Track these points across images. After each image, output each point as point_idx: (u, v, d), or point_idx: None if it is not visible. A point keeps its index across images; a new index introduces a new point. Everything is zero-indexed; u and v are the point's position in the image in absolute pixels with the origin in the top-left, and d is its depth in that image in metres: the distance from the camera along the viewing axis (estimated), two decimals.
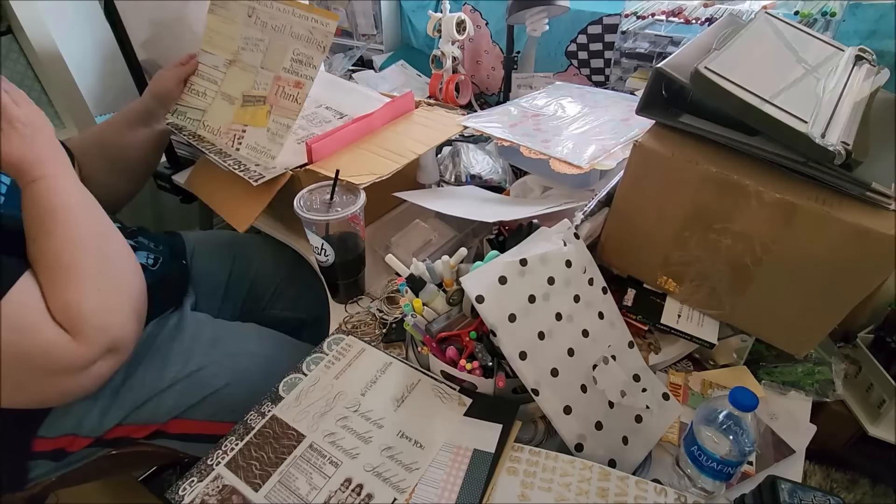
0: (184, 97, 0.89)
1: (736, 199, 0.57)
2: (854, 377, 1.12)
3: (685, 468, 0.53)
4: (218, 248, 0.96)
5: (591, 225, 0.69)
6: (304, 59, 0.79)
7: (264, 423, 0.56)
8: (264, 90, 0.82)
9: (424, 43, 1.42)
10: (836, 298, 0.56)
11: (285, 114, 0.80)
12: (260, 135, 0.82)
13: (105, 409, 0.66)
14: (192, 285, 0.87)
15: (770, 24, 0.67)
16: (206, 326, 0.78)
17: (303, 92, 0.79)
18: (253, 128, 0.83)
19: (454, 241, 0.82)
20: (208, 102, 0.87)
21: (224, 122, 0.85)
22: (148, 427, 0.69)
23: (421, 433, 0.55)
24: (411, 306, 0.59)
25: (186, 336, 0.74)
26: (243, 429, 0.55)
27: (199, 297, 0.86)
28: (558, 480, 0.50)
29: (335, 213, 0.67)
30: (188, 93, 0.89)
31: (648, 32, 1.01)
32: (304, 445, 0.54)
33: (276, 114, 0.81)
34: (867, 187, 0.51)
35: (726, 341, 0.67)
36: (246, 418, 0.56)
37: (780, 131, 0.52)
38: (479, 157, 0.98)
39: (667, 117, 0.62)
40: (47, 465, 0.67)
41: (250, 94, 0.83)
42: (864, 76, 0.60)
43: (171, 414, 0.69)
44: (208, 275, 0.90)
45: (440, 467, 0.51)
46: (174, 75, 0.87)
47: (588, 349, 0.58)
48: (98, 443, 0.67)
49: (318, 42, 0.77)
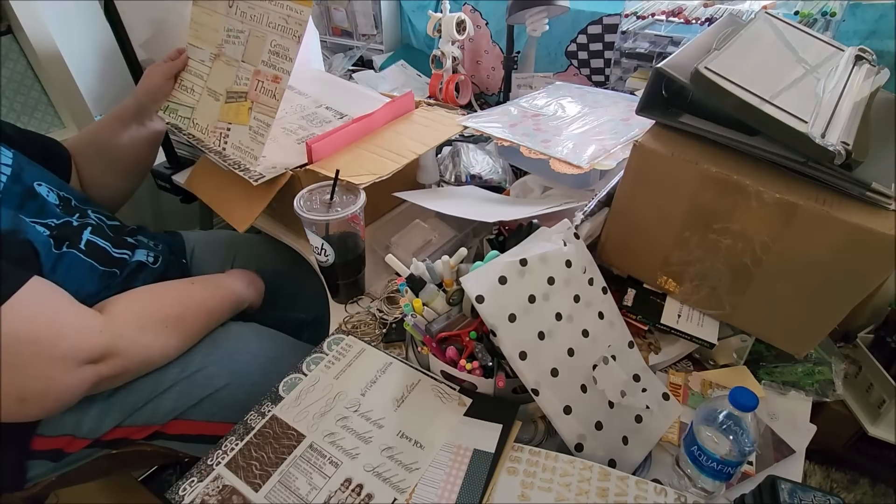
0: (174, 94, 0.89)
1: (736, 199, 0.57)
2: (854, 377, 1.12)
3: (685, 468, 0.53)
4: (218, 247, 0.96)
5: (591, 225, 0.69)
6: (281, 51, 0.78)
7: (264, 424, 0.56)
8: (245, 85, 0.81)
9: (424, 43, 1.42)
10: (836, 298, 0.56)
11: (265, 111, 0.79)
12: (243, 133, 0.81)
13: (104, 411, 0.66)
14: None
15: (770, 24, 0.67)
16: None
17: (280, 87, 0.78)
18: (236, 125, 0.82)
19: (454, 241, 0.82)
20: (196, 99, 0.87)
21: (211, 120, 0.85)
22: (147, 428, 0.69)
23: (421, 433, 0.55)
24: (411, 306, 0.59)
25: None
26: (243, 429, 0.55)
27: None
28: (558, 480, 0.50)
29: (335, 213, 0.67)
30: (178, 89, 0.89)
31: (648, 32, 1.01)
32: (304, 445, 0.54)
33: (257, 111, 0.80)
34: (867, 187, 0.51)
35: (726, 341, 0.67)
36: (246, 418, 0.56)
37: (780, 131, 0.52)
38: (479, 157, 0.98)
39: (667, 117, 0.62)
40: (45, 465, 0.67)
41: (233, 91, 0.83)
42: (864, 76, 0.60)
43: (171, 415, 0.69)
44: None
45: (440, 467, 0.51)
46: (163, 71, 0.86)
47: (588, 349, 0.58)
48: (97, 444, 0.67)
49: (293, 31, 0.76)
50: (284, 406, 0.57)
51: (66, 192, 0.75)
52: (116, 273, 0.72)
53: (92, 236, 0.71)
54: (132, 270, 0.74)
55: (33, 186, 0.69)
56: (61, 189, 0.74)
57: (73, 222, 0.71)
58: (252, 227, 0.82)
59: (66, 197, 0.74)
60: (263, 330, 0.82)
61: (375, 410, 0.57)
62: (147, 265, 0.76)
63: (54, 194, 0.72)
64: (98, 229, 0.74)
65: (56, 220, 0.68)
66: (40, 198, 0.69)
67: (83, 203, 0.76)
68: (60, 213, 0.70)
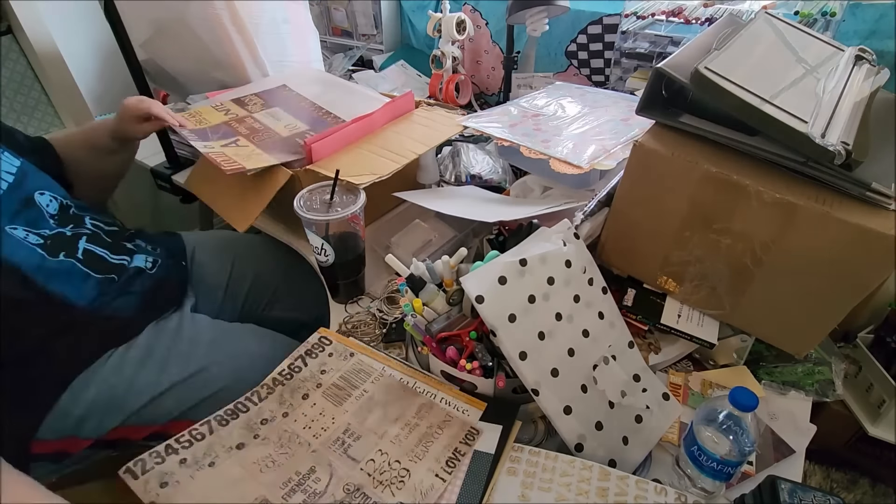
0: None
1: (736, 199, 0.57)
2: (854, 377, 1.12)
3: (685, 468, 0.53)
4: (218, 249, 0.96)
5: (591, 225, 0.69)
6: None
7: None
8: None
9: (424, 43, 1.42)
10: (836, 298, 0.56)
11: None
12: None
13: (106, 411, 0.66)
14: (192, 286, 0.87)
15: (770, 24, 0.67)
16: (205, 328, 0.78)
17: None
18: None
19: (454, 241, 0.82)
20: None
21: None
22: (147, 428, 0.69)
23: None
24: (411, 306, 0.59)
25: (186, 338, 0.74)
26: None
27: (198, 298, 0.86)
28: (558, 480, 0.50)
29: (335, 213, 0.67)
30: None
31: (648, 32, 1.01)
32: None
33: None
34: (867, 187, 0.51)
35: (726, 341, 0.67)
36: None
37: (780, 131, 0.52)
38: (479, 157, 0.98)
39: (667, 117, 0.62)
40: (48, 466, 0.67)
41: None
42: (864, 76, 0.60)
43: (170, 416, 0.69)
44: (208, 276, 0.90)
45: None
46: (137, 111, 0.83)
47: (588, 349, 0.58)
48: (98, 444, 0.67)
49: None
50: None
51: (67, 200, 0.76)
52: (115, 279, 0.72)
53: (88, 245, 0.72)
54: (130, 276, 0.74)
55: (34, 196, 0.70)
56: (64, 198, 0.75)
57: (67, 233, 0.71)
58: (252, 227, 0.82)
59: (67, 205, 0.75)
60: (263, 331, 0.82)
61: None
62: (145, 271, 0.77)
63: (56, 203, 0.73)
64: (94, 237, 0.74)
65: (49, 230, 0.69)
66: (37, 208, 0.70)
67: (82, 210, 0.77)
68: (54, 225, 0.71)
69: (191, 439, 0.53)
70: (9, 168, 0.69)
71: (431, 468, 0.51)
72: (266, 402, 0.58)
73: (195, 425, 0.54)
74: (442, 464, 0.51)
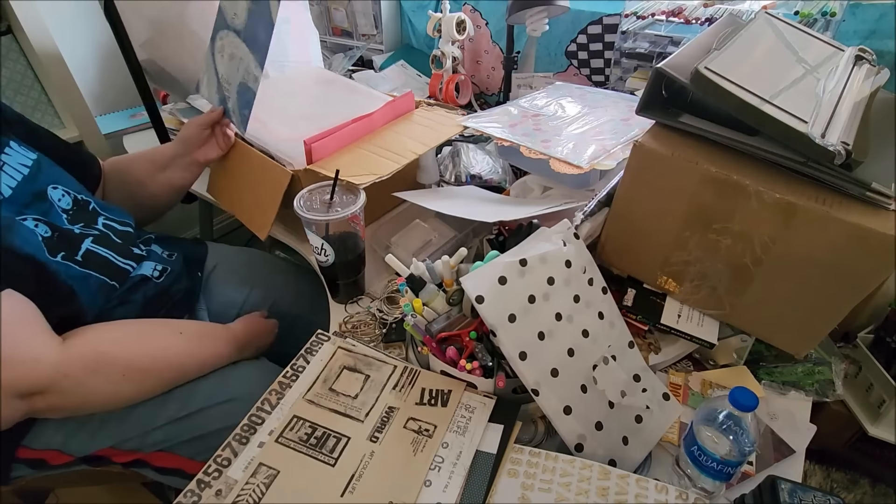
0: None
1: (736, 199, 0.57)
2: (854, 377, 1.12)
3: (685, 468, 0.53)
4: (239, 270, 0.93)
5: (591, 225, 0.69)
6: None
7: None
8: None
9: (424, 43, 1.41)
10: (836, 298, 0.56)
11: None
12: None
13: (94, 433, 0.66)
14: (206, 299, 0.86)
15: (770, 24, 0.67)
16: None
17: None
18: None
19: (454, 241, 0.82)
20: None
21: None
22: (132, 454, 0.67)
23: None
24: (411, 306, 0.59)
25: None
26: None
27: (210, 313, 0.85)
28: (558, 480, 0.50)
29: (335, 213, 0.67)
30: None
31: (648, 32, 1.01)
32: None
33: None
34: (867, 187, 0.51)
35: (726, 341, 0.67)
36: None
37: (780, 131, 0.52)
38: (479, 157, 0.98)
39: (667, 117, 0.62)
40: (25, 469, 0.66)
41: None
42: (864, 76, 0.60)
43: (158, 446, 0.67)
44: (223, 295, 0.89)
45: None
46: (199, 121, 0.85)
47: (588, 349, 0.58)
48: (79, 460, 0.67)
49: None
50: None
51: (84, 195, 0.73)
52: (116, 287, 0.70)
53: (93, 245, 0.69)
54: (134, 284, 0.72)
55: (46, 189, 0.68)
56: (80, 192, 0.73)
57: (75, 230, 0.69)
58: (280, 253, 0.80)
59: (85, 200, 0.72)
60: (272, 372, 0.75)
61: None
62: (150, 279, 0.75)
63: (69, 197, 0.70)
64: (102, 238, 0.71)
65: (60, 224, 0.67)
66: (49, 202, 0.67)
67: (98, 209, 0.74)
68: (65, 221, 0.68)
69: (218, 468, 0.52)
70: (24, 160, 0.67)
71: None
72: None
73: (219, 451, 0.53)
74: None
